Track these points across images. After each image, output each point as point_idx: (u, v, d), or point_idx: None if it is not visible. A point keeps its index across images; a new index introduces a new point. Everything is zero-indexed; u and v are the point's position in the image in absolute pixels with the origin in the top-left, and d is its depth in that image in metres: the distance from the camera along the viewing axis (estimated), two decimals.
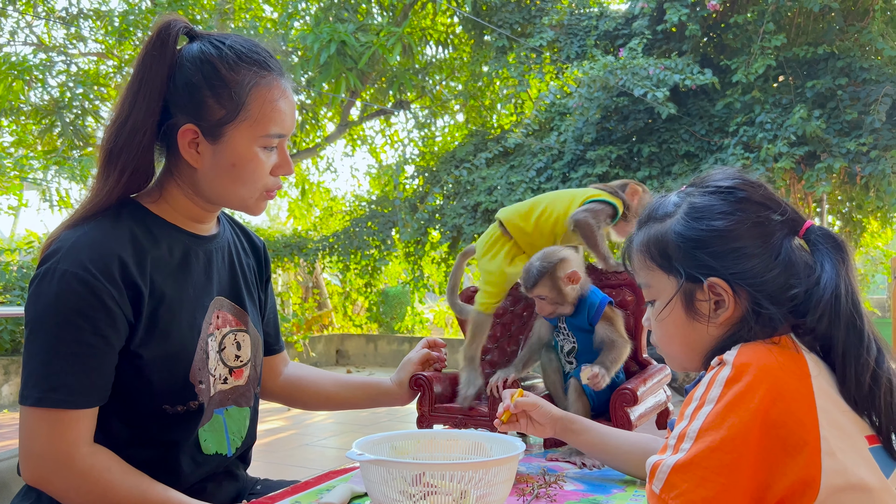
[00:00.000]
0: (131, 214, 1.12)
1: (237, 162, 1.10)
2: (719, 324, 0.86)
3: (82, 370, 1.02)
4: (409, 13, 8.66)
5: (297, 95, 8.75)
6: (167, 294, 1.10)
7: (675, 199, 0.92)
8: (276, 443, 4.91)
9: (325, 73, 7.40)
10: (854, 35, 6.67)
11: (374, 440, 1.04)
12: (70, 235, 1.06)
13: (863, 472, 0.76)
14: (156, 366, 1.09)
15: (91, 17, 8.98)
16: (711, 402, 0.77)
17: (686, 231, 0.87)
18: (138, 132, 1.08)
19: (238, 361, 1.22)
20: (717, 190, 0.89)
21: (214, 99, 1.08)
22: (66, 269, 1.02)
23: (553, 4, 8.17)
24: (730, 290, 0.85)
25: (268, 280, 1.37)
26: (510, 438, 1.06)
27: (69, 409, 1.02)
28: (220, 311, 1.20)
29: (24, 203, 7.49)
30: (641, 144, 6.89)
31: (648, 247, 0.91)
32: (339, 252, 8.49)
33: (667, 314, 0.90)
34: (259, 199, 1.16)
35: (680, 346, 0.92)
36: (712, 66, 6.94)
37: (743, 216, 0.86)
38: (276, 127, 1.11)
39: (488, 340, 1.70)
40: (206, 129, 1.09)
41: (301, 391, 1.46)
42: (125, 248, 1.07)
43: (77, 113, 7.68)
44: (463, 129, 9.83)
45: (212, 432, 1.18)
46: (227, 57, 1.09)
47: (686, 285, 0.87)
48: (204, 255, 1.18)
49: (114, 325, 1.04)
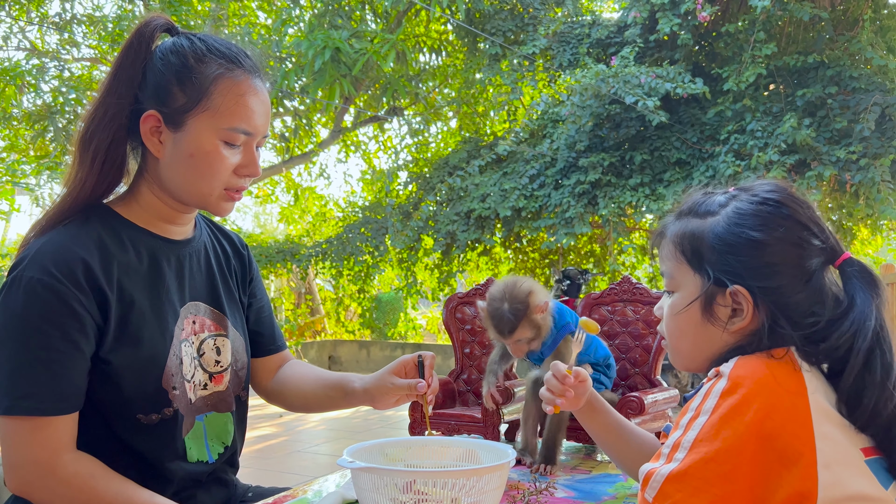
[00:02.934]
0: (100, 219, 1.12)
1: (195, 153, 1.09)
2: (732, 332, 0.86)
3: (51, 376, 1.02)
4: (402, 20, 8.68)
5: (290, 101, 8.76)
6: (137, 299, 1.10)
7: (721, 198, 0.90)
8: (268, 449, 4.88)
9: (320, 80, 7.40)
10: (843, 44, 6.73)
11: (365, 447, 1.05)
12: (36, 243, 1.07)
13: (861, 484, 0.76)
14: (127, 372, 1.08)
15: (84, 22, 8.97)
16: (706, 412, 0.77)
17: (724, 234, 0.87)
18: (109, 118, 1.09)
19: (218, 367, 1.21)
20: (764, 201, 0.87)
21: (178, 87, 1.08)
22: (31, 276, 1.02)
23: (546, 13, 8.21)
24: (751, 302, 0.84)
25: (252, 280, 1.36)
26: (502, 446, 1.07)
27: (40, 416, 1.01)
28: (196, 316, 1.19)
29: (17, 208, 7.45)
30: (633, 152, 6.92)
31: (682, 240, 0.90)
32: (332, 258, 8.48)
33: (684, 310, 0.90)
34: (221, 199, 1.14)
35: (688, 345, 0.91)
36: (704, 74, 6.98)
37: (783, 233, 0.85)
38: (240, 122, 1.10)
39: (478, 347, 1.73)
40: (167, 115, 1.09)
41: (285, 392, 1.39)
42: (90, 252, 1.06)
43: (70, 118, 7.66)
44: (456, 135, 9.85)
45: (194, 439, 1.18)
46: (197, 48, 1.10)
47: (710, 287, 0.87)
48: (176, 259, 1.18)
49: (83, 330, 1.04)
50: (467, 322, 1.77)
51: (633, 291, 1.64)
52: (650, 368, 1.59)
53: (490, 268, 9.28)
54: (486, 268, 9.27)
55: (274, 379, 1.41)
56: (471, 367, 1.75)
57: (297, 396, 1.38)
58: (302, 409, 1.41)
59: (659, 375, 1.61)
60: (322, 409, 1.39)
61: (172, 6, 7.40)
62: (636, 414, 1.41)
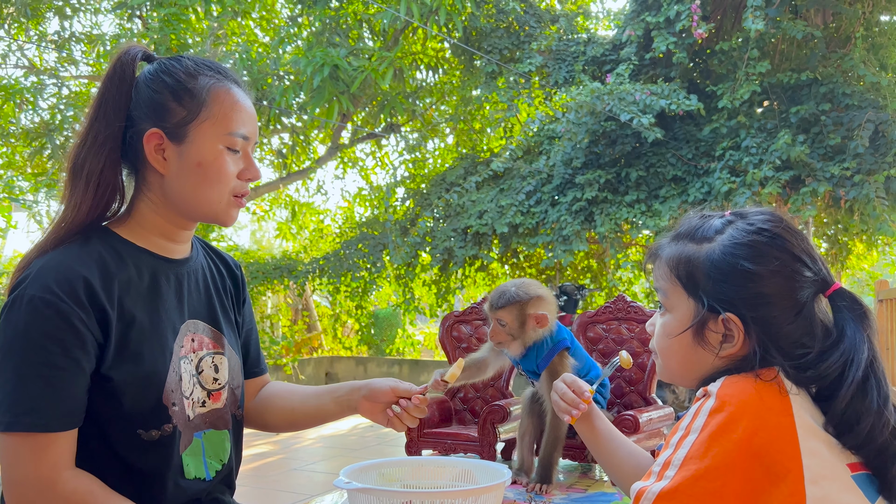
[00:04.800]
0: (100, 239, 1.14)
1: (202, 161, 1.13)
2: (721, 356, 0.88)
3: (53, 393, 1.03)
4: (399, 38, 8.75)
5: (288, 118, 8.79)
6: (137, 317, 1.11)
7: (718, 224, 0.92)
8: (264, 467, 4.86)
9: (318, 98, 7.44)
10: (836, 61, 6.80)
11: (361, 467, 1.05)
12: (38, 262, 1.09)
13: (848, 499, 0.77)
14: (128, 388, 1.09)
15: (83, 40, 9.02)
16: (696, 431, 0.78)
17: (720, 262, 0.88)
18: (100, 144, 1.12)
19: (216, 384, 1.23)
20: (759, 231, 0.88)
21: (176, 102, 1.12)
22: (33, 295, 1.04)
23: (541, 30, 8.28)
24: (742, 331, 0.86)
25: (244, 302, 1.38)
26: (497, 466, 1.07)
27: (41, 432, 1.02)
28: (195, 334, 1.21)
29: (13, 225, 7.46)
30: (629, 168, 6.96)
31: (678, 264, 0.92)
32: (330, 274, 8.48)
33: (676, 328, 0.91)
34: (229, 206, 1.17)
35: (677, 364, 0.93)
36: (698, 91, 7.04)
37: (777, 266, 0.86)
38: (239, 126, 1.14)
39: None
40: (169, 130, 1.12)
41: (270, 410, 1.39)
42: (91, 271, 1.08)
43: (67, 135, 7.68)
44: (453, 151, 9.89)
45: (192, 456, 1.18)
46: (186, 65, 1.15)
47: (704, 314, 0.88)
48: (175, 277, 1.20)
49: (83, 347, 1.05)
50: (463, 340, 1.78)
51: (628, 310, 1.66)
52: (645, 386, 1.60)
53: (487, 283, 9.28)
54: (483, 283, 9.28)
55: (255, 401, 1.42)
56: (467, 385, 1.76)
57: (284, 411, 1.38)
58: (285, 425, 1.40)
59: (654, 393, 1.62)
60: (309, 422, 1.37)
61: (171, 24, 7.44)
62: (631, 432, 1.42)
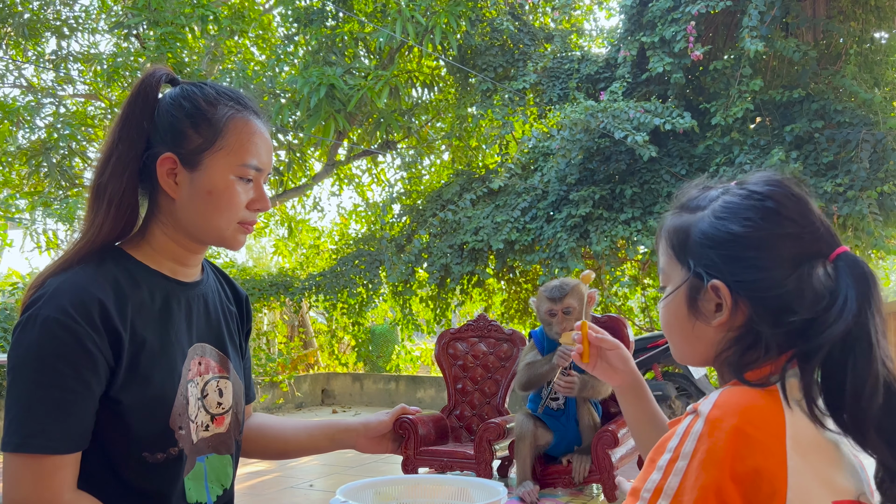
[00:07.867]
0: (115, 260, 1.14)
1: (213, 189, 1.14)
2: (715, 327, 0.85)
3: (62, 415, 1.03)
4: (395, 57, 8.82)
5: (284, 136, 8.84)
6: (148, 339, 1.12)
7: (714, 193, 0.89)
8: (260, 486, 4.83)
9: (315, 117, 7.49)
10: (828, 79, 6.87)
11: (358, 486, 1.06)
12: (53, 282, 1.09)
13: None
14: (136, 411, 1.10)
15: (80, 59, 9.08)
16: (685, 457, 0.77)
17: (708, 228, 0.86)
18: (122, 166, 1.13)
19: (220, 408, 1.23)
20: (749, 194, 0.86)
21: (193, 129, 1.14)
22: (47, 315, 1.04)
23: (536, 48, 8.36)
24: (730, 297, 0.83)
25: (248, 332, 1.40)
26: (493, 484, 1.08)
27: (49, 454, 1.02)
28: (203, 358, 1.21)
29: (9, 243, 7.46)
30: (623, 185, 7.00)
31: (672, 234, 0.90)
32: (326, 291, 8.48)
33: (671, 302, 0.89)
34: (236, 232, 1.18)
35: (679, 339, 0.91)
36: (692, 108, 7.10)
37: (765, 226, 0.82)
38: (252, 158, 1.16)
39: (470, 382, 1.75)
40: (184, 156, 1.13)
41: (258, 439, 1.44)
42: (106, 293, 1.09)
43: (64, 154, 7.70)
44: (449, 168, 9.94)
45: (194, 480, 1.18)
46: (207, 93, 1.16)
47: (692, 281, 0.86)
48: (185, 301, 1.20)
49: (95, 370, 1.05)
50: (459, 358, 1.79)
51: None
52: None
53: (483, 299, 9.29)
54: (479, 299, 9.29)
55: None
56: (463, 402, 1.77)
57: (274, 441, 1.45)
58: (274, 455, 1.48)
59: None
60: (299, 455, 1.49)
61: (167, 43, 7.49)
62: (612, 447, 1.44)
